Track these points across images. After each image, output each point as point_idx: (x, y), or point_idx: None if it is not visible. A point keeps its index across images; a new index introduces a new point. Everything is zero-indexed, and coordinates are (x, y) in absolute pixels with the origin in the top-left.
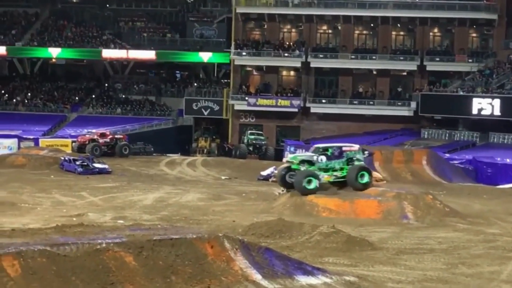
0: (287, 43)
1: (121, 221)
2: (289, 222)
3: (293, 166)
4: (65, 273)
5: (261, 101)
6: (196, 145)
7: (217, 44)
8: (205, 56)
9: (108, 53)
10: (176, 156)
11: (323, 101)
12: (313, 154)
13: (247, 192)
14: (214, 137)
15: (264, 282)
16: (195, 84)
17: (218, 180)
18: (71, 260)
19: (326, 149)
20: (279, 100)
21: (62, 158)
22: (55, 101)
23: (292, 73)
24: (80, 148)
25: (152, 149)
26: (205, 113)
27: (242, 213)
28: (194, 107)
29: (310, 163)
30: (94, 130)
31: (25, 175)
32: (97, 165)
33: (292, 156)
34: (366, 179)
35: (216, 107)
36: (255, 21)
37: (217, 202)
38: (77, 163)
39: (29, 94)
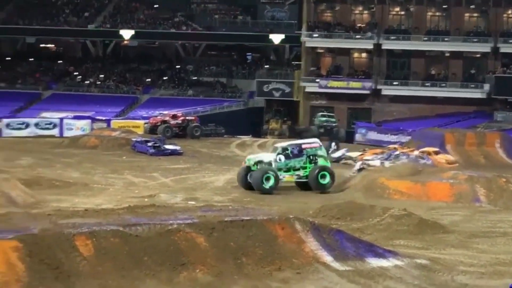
0: (359, 25)
1: (192, 202)
2: (360, 204)
3: (252, 168)
4: (137, 253)
5: (332, 83)
6: (267, 127)
7: (289, 26)
8: (276, 38)
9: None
10: (247, 138)
11: (395, 83)
12: (270, 154)
13: None
14: (285, 119)
15: (335, 264)
16: (266, 66)
17: None
18: (143, 240)
19: (285, 148)
20: (351, 82)
21: (134, 139)
22: (127, 83)
23: (363, 55)
24: (152, 130)
25: (223, 130)
26: (276, 95)
27: (313, 195)
28: (265, 89)
29: (268, 164)
30: (165, 112)
31: (98, 156)
32: (168, 146)
33: (249, 157)
34: (327, 179)
35: (287, 89)
36: (327, 3)
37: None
38: (149, 144)
39: (101, 76)
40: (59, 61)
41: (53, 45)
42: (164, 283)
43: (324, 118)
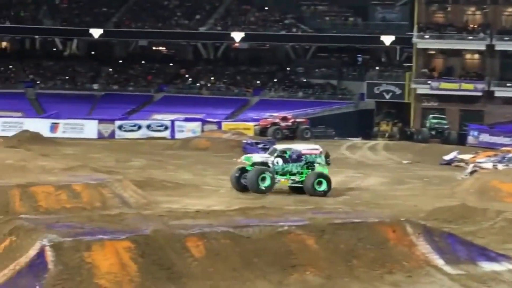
0: (471, 25)
1: (303, 204)
2: (472, 208)
3: (248, 168)
4: (247, 254)
5: (444, 85)
6: (378, 129)
7: (399, 27)
8: (387, 40)
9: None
10: (357, 140)
11: (508, 84)
12: (269, 156)
13: (429, 176)
14: (395, 121)
15: (446, 268)
16: (377, 67)
17: (400, 164)
18: (254, 242)
19: (284, 151)
20: (462, 84)
21: (245, 141)
22: (238, 85)
23: (476, 56)
24: (262, 132)
25: (333, 132)
26: (387, 97)
27: (424, 197)
28: (376, 91)
29: (265, 165)
30: (275, 114)
31: (209, 158)
32: None
33: (246, 157)
34: (323, 186)
35: (398, 91)
36: (438, 4)
37: (399, 187)
38: (259, 146)
39: (212, 78)
40: (170, 64)
41: (164, 48)
42: (274, 285)
43: (435, 120)
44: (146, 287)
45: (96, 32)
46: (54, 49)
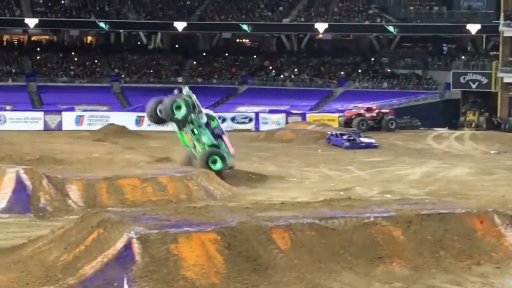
0: None
1: (388, 195)
2: None
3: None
4: (333, 246)
5: None
6: (464, 119)
7: (486, 15)
8: (473, 28)
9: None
10: (443, 130)
11: None
12: (201, 109)
13: None
14: (482, 110)
15: None
16: (463, 57)
17: (487, 154)
18: (340, 233)
19: (213, 118)
20: None
21: (329, 132)
22: (322, 76)
23: None
24: (347, 123)
25: (419, 123)
26: (473, 86)
27: (511, 188)
28: (462, 81)
29: (191, 107)
30: (360, 105)
31: (293, 150)
32: (363, 139)
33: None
34: (218, 165)
35: (485, 80)
36: None
37: (486, 177)
38: (344, 137)
39: (296, 69)
40: (254, 56)
41: (248, 40)
42: (360, 276)
43: None
44: (232, 279)
45: (180, 25)
46: (139, 43)
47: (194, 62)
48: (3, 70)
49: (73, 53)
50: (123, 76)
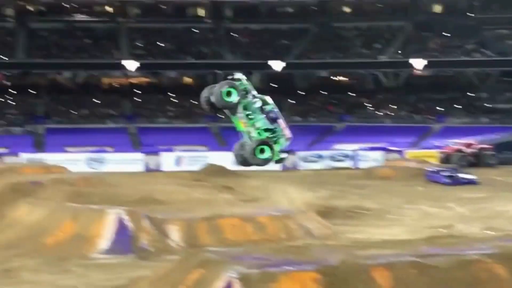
0: None
1: (490, 232)
2: None
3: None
4: (435, 284)
5: None
6: None
7: None
8: None
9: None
10: None
11: None
12: (255, 94)
13: None
14: None
15: None
16: None
17: None
18: (442, 271)
19: (267, 102)
20: None
21: (428, 169)
22: (420, 112)
23: None
24: (446, 159)
25: None
26: None
27: None
28: None
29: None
30: (459, 141)
31: (392, 187)
32: (463, 175)
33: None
34: (265, 155)
35: None
36: None
37: None
38: (443, 174)
39: (394, 106)
40: (351, 93)
41: (345, 78)
42: None
43: None
44: None
45: (276, 65)
46: None
47: (292, 101)
48: (103, 112)
49: (171, 95)
50: (220, 116)
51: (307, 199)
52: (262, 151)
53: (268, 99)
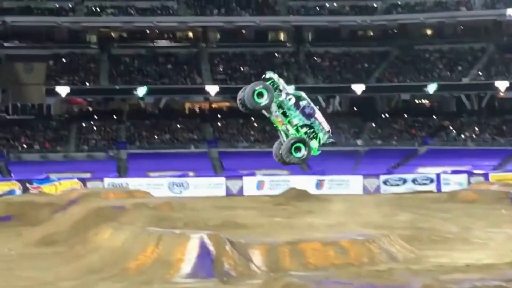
0: None
1: None
2: None
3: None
4: None
5: None
6: None
7: None
8: None
9: None
10: None
11: None
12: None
13: None
14: None
15: None
16: None
17: None
18: None
19: (301, 97)
20: None
21: None
22: (504, 135)
23: None
24: None
25: None
26: None
27: None
28: None
29: (275, 87)
30: None
31: (476, 210)
32: None
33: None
34: (301, 153)
35: None
36: None
37: None
38: None
39: (477, 129)
40: (434, 116)
41: (427, 101)
42: None
43: None
44: None
45: (358, 88)
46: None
47: (373, 124)
48: (185, 137)
49: (252, 119)
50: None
51: (390, 223)
52: (297, 149)
53: (303, 94)
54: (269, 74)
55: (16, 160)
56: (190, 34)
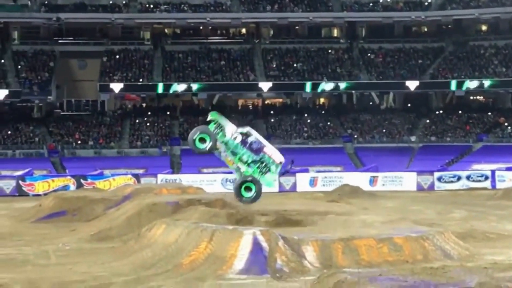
0: None
1: None
2: None
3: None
4: None
5: None
6: None
7: None
8: None
9: None
10: None
11: None
12: (236, 128)
13: None
14: None
15: None
16: None
17: None
18: None
19: (248, 134)
20: None
21: None
22: None
23: None
24: None
25: None
26: None
27: None
28: None
29: (220, 127)
30: None
31: None
32: None
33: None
34: (252, 193)
35: None
36: None
37: None
38: None
39: None
40: (489, 113)
41: (482, 97)
42: None
43: None
44: None
45: (412, 84)
46: (371, 103)
47: (427, 121)
48: None
49: (306, 115)
50: (355, 136)
51: (444, 220)
52: (247, 188)
53: (250, 130)
54: (211, 116)
55: (71, 156)
56: (243, 30)
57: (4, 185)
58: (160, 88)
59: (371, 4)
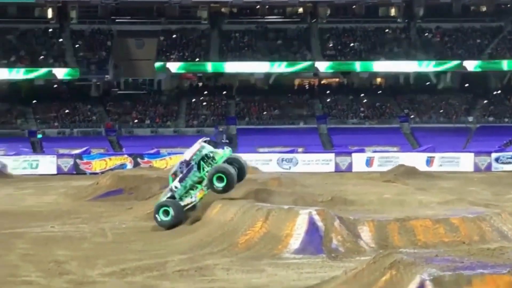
0: None
1: None
2: None
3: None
4: None
5: None
6: None
7: None
8: None
9: None
10: None
11: None
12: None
13: None
14: None
15: None
16: None
17: None
18: None
19: (174, 173)
20: None
21: None
22: None
23: None
24: None
25: None
26: None
27: None
28: None
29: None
30: None
31: None
32: None
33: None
34: (224, 182)
35: None
36: None
37: None
38: None
39: None
40: None
41: None
42: None
43: None
44: None
45: (470, 64)
46: (428, 83)
47: (485, 101)
48: (295, 113)
49: (362, 95)
50: (412, 116)
51: (502, 201)
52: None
53: (174, 165)
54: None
55: (128, 134)
56: (300, 9)
57: (62, 163)
58: (220, 68)
59: None
